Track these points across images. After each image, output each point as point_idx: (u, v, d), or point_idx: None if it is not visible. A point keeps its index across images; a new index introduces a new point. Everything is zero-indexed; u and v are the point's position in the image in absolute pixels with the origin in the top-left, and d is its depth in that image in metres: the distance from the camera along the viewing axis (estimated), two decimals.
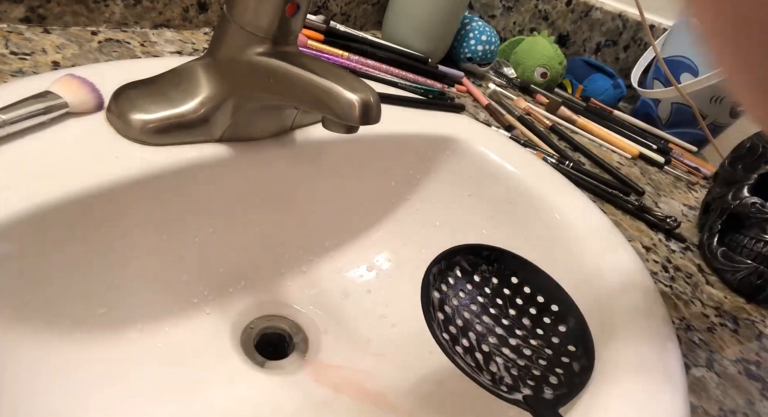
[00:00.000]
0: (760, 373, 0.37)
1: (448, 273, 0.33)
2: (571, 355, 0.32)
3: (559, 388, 0.30)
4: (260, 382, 0.38)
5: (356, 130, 0.31)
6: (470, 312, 0.33)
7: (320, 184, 0.44)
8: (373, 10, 0.68)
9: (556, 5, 0.81)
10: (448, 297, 0.32)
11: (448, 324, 0.31)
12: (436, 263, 0.32)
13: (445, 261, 0.33)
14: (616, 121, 0.70)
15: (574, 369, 0.31)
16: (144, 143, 0.32)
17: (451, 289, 0.33)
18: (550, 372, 0.31)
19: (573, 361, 0.32)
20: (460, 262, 0.34)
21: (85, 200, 0.29)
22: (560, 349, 0.32)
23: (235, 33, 0.32)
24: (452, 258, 0.33)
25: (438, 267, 0.32)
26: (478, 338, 0.32)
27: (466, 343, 0.31)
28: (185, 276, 0.38)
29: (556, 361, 0.32)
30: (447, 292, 0.32)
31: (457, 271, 0.33)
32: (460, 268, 0.34)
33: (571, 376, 0.31)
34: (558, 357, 0.32)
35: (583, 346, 0.32)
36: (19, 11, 0.39)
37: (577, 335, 0.33)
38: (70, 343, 0.32)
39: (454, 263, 0.34)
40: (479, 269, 0.34)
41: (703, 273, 0.47)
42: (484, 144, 0.49)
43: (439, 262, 0.33)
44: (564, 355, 0.32)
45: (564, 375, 0.31)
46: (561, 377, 0.31)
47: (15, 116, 0.28)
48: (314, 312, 0.44)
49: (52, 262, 0.30)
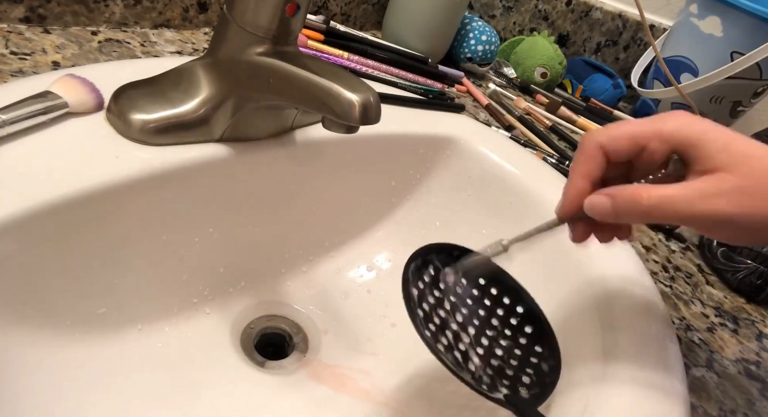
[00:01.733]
0: (760, 373, 0.37)
1: (423, 270, 0.33)
2: (538, 355, 0.32)
3: (532, 388, 0.31)
4: (260, 382, 0.38)
5: (356, 130, 0.31)
6: (444, 310, 0.33)
7: (320, 184, 0.44)
8: (373, 10, 0.68)
9: (556, 5, 0.81)
10: (425, 294, 0.32)
11: (428, 321, 0.31)
12: (413, 260, 0.32)
13: (420, 258, 0.33)
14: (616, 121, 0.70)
15: (543, 369, 0.32)
16: (144, 143, 0.32)
17: (426, 287, 0.32)
18: (521, 372, 0.32)
19: (541, 361, 0.32)
20: (433, 261, 0.34)
21: (85, 200, 0.29)
22: (528, 350, 0.33)
23: (235, 33, 0.32)
24: (426, 255, 0.33)
25: (415, 263, 0.32)
26: (454, 337, 0.32)
27: (445, 341, 0.31)
28: (185, 276, 0.38)
29: (525, 361, 0.32)
30: (424, 289, 0.32)
31: (430, 269, 0.33)
32: (433, 266, 0.33)
33: (541, 375, 0.31)
34: (527, 357, 0.32)
35: (549, 347, 0.33)
36: (19, 11, 0.39)
37: (542, 336, 0.33)
38: (69, 342, 0.32)
39: (428, 261, 0.33)
40: (451, 268, 0.34)
41: (703, 273, 0.47)
42: (484, 144, 0.49)
43: (415, 258, 0.32)
44: (532, 356, 0.32)
45: (535, 375, 0.31)
46: (532, 377, 0.31)
47: (15, 116, 0.28)
48: (314, 312, 0.44)
49: (51, 262, 0.30)
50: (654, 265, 0.45)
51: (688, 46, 0.70)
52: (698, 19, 0.68)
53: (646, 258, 0.45)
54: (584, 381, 0.32)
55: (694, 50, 0.69)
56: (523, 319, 0.34)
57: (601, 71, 0.77)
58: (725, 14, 0.65)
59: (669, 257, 0.47)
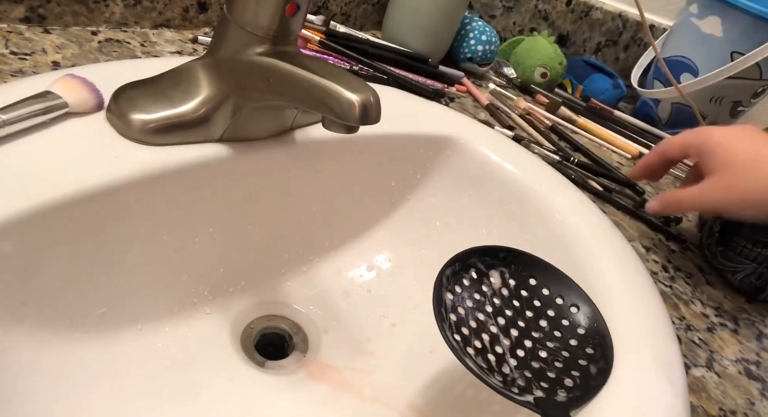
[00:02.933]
0: (760, 373, 0.37)
1: (463, 275, 0.33)
2: (588, 357, 0.32)
3: (573, 391, 0.30)
4: (260, 382, 0.38)
5: (356, 130, 0.31)
6: (485, 313, 0.32)
7: (320, 184, 0.44)
8: (373, 10, 0.68)
9: (556, 5, 0.81)
10: (462, 298, 0.32)
11: (460, 325, 0.31)
12: (450, 265, 0.32)
13: (459, 263, 0.33)
14: (616, 121, 0.70)
15: (591, 372, 0.31)
16: (144, 143, 0.32)
17: (465, 290, 0.32)
18: (565, 374, 0.31)
19: (590, 363, 0.31)
20: (476, 264, 0.34)
21: (84, 200, 0.29)
22: (577, 352, 0.32)
23: (235, 33, 0.32)
24: (467, 260, 0.33)
25: (452, 269, 0.32)
26: (491, 340, 0.31)
27: (479, 344, 0.31)
28: (185, 276, 0.38)
29: (572, 364, 0.31)
30: (461, 294, 0.32)
31: (472, 273, 0.33)
32: (475, 269, 0.33)
33: (587, 378, 0.31)
34: (575, 359, 0.32)
35: (602, 349, 0.32)
36: (19, 11, 0.39)
37: (596, 338, 0.32)
38: (69, 342, 0.32)
39: (470, 265, 0.33)
40: (497, 270, 0.34)
41: (703, 273, 0.47)
42: (484, 144, 0.49)
43: (453, 263, 0.32)
44: (581, 358, 0.32)
45: (580, 377, 0.31)
46: (576, 380, 0.31)
47: (15, 116, 0.28)
48: (314, 312, 0.44)
49: (51, 262, 0.30)
50: (654, 265, 0.45)
51: (688, 46, 0.70)
52: (698, 19, 0.68)
53: (646, 258, 0.45)
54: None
55: (694, 50, 0.69)
56: (577, 321, 0.33)
57: (601, 71, 0.77)
58: (725, 14, 0.65)
59: (669, 257, 0.47)
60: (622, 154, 0.64)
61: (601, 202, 0.51)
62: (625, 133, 0.68)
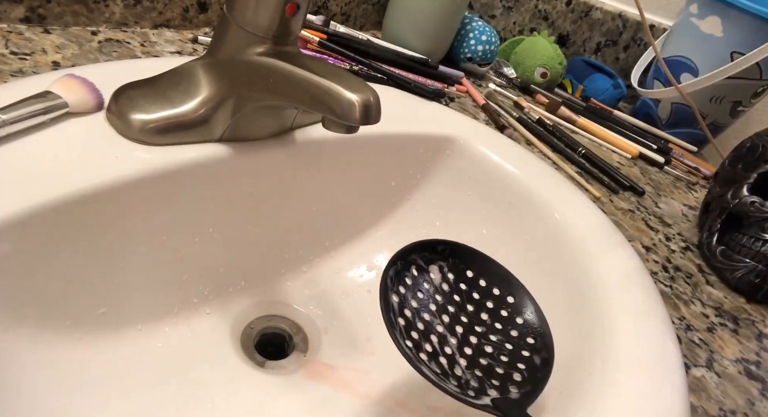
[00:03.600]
0: (760, 373, 0.37)
1: (405, 273, 0.32)
2: (530, 347, 0.31)
3: (523, 386, 0.30)
4: (260, 382, 0.38)
5: (356, 130, 0.31)
6: (429, 313, 0.32)
7: (320, 184, 0.44)
8: (373, 10, 0.68)
9: (556, 5, 0.81)
10: (406, 299, 0.31)
11: (409, 329, 0.30)
12: (392, 265, 0.31)
13: (401, 261, 0.32)
14: (616, 121, 0.70)
15: (536, 362, 0.31)
16: (144, 143, 0.32)
17: (408, 290, 0.31)
18: (512, 368, 0.31)
19: (533, 354, 0.31)
20: (416, 261, 0.32)
21: (85, 200, 0.29)
22: (519, 343, 0.31)
23: (235, 33, 0.32)
24: (408, 257, 0.32)
25: (394, 268, 0.31)
26: (440, 341, 0.31)
27: (429, 347, 0.30)
28: (185, 276, 0.38)
29: (516, 356, 0.31)
30: (405, 294, 0.31)
31: (413, 270, 0.32)
32: (416, 266, 0.32)
33: (533, 371, 0.30)
34: (518, 351, 0.31)
35: (541, 337, 0.31)
36: (19, 11, 0.39)
37: (535, 326, 0.32)
38: (69, 343, 0.32)
39: (410, 262, 0.32)
40: (435, 265, 0.33)
41: (703, 273, 0.47)
42: (484, 144, 0.49)
43: (395, 263, 0.31)
44: (524, 349, 0.31)
45: (526, 370, 0.30)
46: (524, 373, 0.30)
47: (15, 116, 0.28)
48: (314, 312, 0.44)
49: (51, 262, 0.30)
50: (654, 265, 0.45)
51: (688, 46, 0.70)
52: (698, 19, 0.68)
53: (646, 258, 0.45)
54: (583, 381, 0.32)
55: (694, 50, 0.69)
56: (515, 310, 0.32)
57: (601, 71, 0.77)
58: (725, 14, 0.65)
59: (669, 257, 0.47)
60: (622, 154, 0.64)
61: (601, 203, 0.51)
62: (625, 133, 0.68)
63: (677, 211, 0.56)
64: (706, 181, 0.68)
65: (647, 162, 0.65)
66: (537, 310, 0.33)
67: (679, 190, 0.62)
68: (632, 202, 0.54)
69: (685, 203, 0.59)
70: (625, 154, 0.64)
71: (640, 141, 0.67)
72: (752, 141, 0.51)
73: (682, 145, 0.74)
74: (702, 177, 0.68)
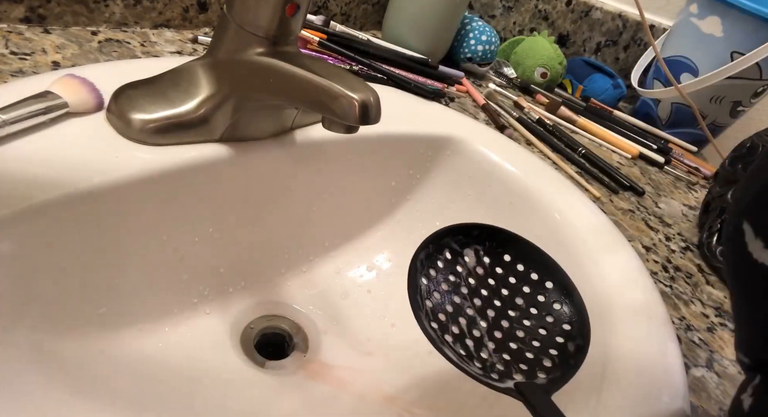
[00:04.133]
0: None
1: (437, 256, 0.31)
2: (565, 334, 0.30)
3: (552, 372, 0.29)
4: (260, 382, 0.38)
5: (356, 130, 0.31)
6: (460, 296, 0.31)
7: (320, 184, 0.44)
8: (373, 10, 0.68)
9: (556, 5, 0.81)
10: (437, 282, 0.31)
11: (437, 312, 0.30)
12: (424, 248, 0.31)
13: (433, 245, 0.31)
14: (616, 121, 0.70)
15: (569, 349, 0.30)
16: (144, 143, 0.32)
17: (440, 273, 0.31)
18: (543, 354, 0.30)
19: (568, 341, 0.30)
20: (449, 244, 0.32)
21: (85, 200, 0.29)
22: (554, 329, 0.31)
23: (235, 33, 0.32)
24: (440, 240, 0.32)
25: (426, 252, 0.31)
26: (468, 324, 0.30)
27: (456, 330, 0.30)
28: (185, 276, 0.38)
29: (550, 342, 0.30)
30: (436, 278, 0.31)
31: (446, 254, 0.32)
32: (449, 249, 0.32)
33: (565, 357, 0.29)
34: (552, 337, 0.30)
35: (579, 324, 0.30)
36: (19, 11, 0.39)
37: (573, 313, 0.31)
38: (69, 342, 0.32)
39: (443, 246, 0.32)
40: (471, 249, 0.33)
41: (703, 273, 0.47)
42: (484, 144, 0.49)
43: (426, 246, 0.31)
44: (558, 335, 0.30)
45: (558, 356, 0.30)
46: (555, 359, 0.29)
47: (15, 116, 0.28)
48: (314, 312, 0.44)
49: (51, 262, 0.30)
50: (654, 265, 0.45)
51: (688, 46, 0.70)
52: (698, 19, 0.68)
53: (646, 258, 0.45)
54: (583, 381, 0.32)
55: (694, 50, 0.69)
56: (553, 296, 0.32)
57: (601, 71, 0.77)
58: (725, 14, 0.65)
59: (669, 257, 0.47)
60: (622, 154, 0.64)
61: (601, 203, 0.51)
62: (625, 133, 0.68)
63: (677, 211, 0.56)
64: (706, 181, 0.68)
65: (647, 162, 0.65)
66: (577, 297, 0.31)
67: (679, 190, 0.62)
68: (632, 202, 0.54)
69: (685, 203, 0.59)
70: (625, 154, 0.64)
71: (640, 141, 0.67)
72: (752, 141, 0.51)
73: (682, 145, 0.74)
74: (702, 177, 0.68)
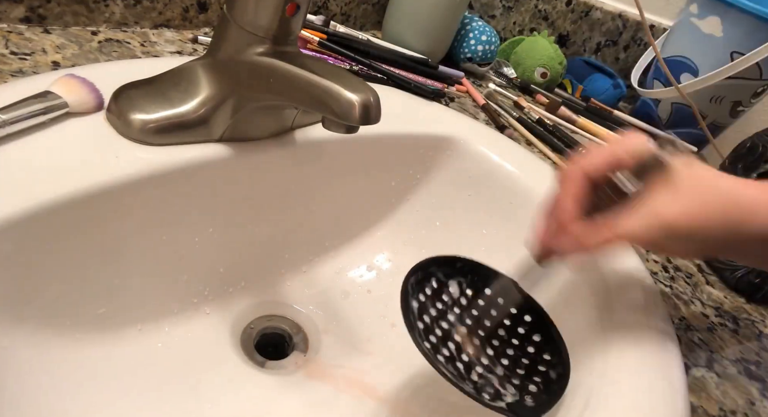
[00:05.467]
0: (760, 373, 0.37)
1: (425, 283, 0.33)
2: (546, 363, 0.32)
3: (538, 397, 0.31)
4: (260, 382, 0.38)
5: (356, 130, 0.31)
6: (448, 322, 0.33)
7: (320, 184, 0.44)
8: (373, 10, 0.68)
9: (556, 5, 0.81)
10: (426, 306, 0.32)
11: (428, 333, 0.31)
12: (413, 273, 0.32)
13: (421, 271, 0.33)
14: (616, 121, 0.70)
15: (551, 376, 0.32)
16: (144, 143, 0.32)
17: (428, 299, 0.33)
18: (528, 380, 0.32)
19: (549, 369, 0.32)
20: (435, 274, 0.34)
21: (85, 200, 0.29)
22: (536, 358, 0.33)
23: (235, 33, 0.32)
24: (428, 268, 0.33)
25: (415, 277, 0.32)
26: (457, 348, 0.32)
27: (447, 352, 0.31)
28: (185, 276, 0.38)
29: (533, 370, 0.32)
30: (425, 302, 0.32)
31: (433, 283, 0.33)
32: (435, 279, 0.34)
33: (548, 383, 0.31)
34: (534, 366, 0.32)
35: (558, 355, 0.33)
36: (19, 11, 0.39)
37: (551, 344, 0.33)
38: (69, 342, 0.32)
39: (430, 274, 0.34)
40: (455, 280, 0.34)
41: (703, 273, 0.47)
42: (484, 144, 0.49)
43: (415, 272, 0.33)
44: (540, 364, 0.32)
45: (542, 383, 0.31)
46: (539, 385, 0.31)
47: (15, 116, 0.28)
48: (314, 312, 0.44)
49: (51, 262, 0.30)
50: (654, 265, 0.45)
51: (688, 46, 0.70)
52: (698, 19, 0.68)
53: (646, 258, 0.45)
54: (584, 381, 0.32)
55: (694, 50, 0.69)
56: (532, 328, 0.34)
57: (601, 71, 0.77)
58: (725, 14, 0.65)
59: (669, 257, 0.47)
60: None
61: None
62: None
63: None
64: None
65: None
66: (555, 331, 0.33)
67: None
68: None
69: None
70: None
71: None
72: (752, 141, 0.51)
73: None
74: None
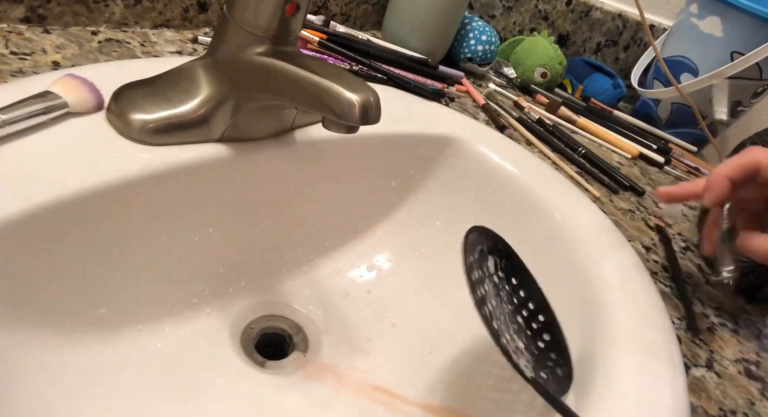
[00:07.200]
0: (760, 373, 0.37)
1: (476, 246, 0.32)
2: (553, 361, 0.33)
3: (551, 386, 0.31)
4: (260, 382, 0.38)
5: (356, 130, 0.31)
6: (483, 289, 0.32)
7: (320, 184, 0.44)
8: (373, 10, 0.68)
9: (556, 5, 0.81)
10: (481, 281, 0.32)
11: (482, 305, 0.30)
12: (473, 231, 0.32)
13: (476, 233, 0.32)
14: (616, 121, 0.70)
15: (558, 374, 0.32)
16: (144, 143, 0.32)
17: (475, 262, 0.32)
18: (540, 369, 0.32)
19: (555, 367, 0.33)
20: (484, 242, 0.33)
21: (84, 200, 0.29)
22: (544, 355, 0.33)
23: (235, 33, 0.32)
24: (481, 233, 0.33)
25: (476, 233, 0.32)
26: (500, 326, 0.32)
27: (495, 325, 0.31)
28: (185, 276, 0.38)
29: (542, 364, 0.33)
30: (482, 277, 0.32)
31: (480, 247, 0.33)
32: (482, 247, 0.33)
33: (557, 380, 0.32)
34: (544, 361, 0.33)
35: (563, 356, 0.33)
36: (19, 11, 0.39)
37: (558, 347, 0.34)
38: (69, 343, 0.32)
39: (480, 241, 0.33)
40: (493, 257, 0.34)
41: (703, 273, 0.47)
42: (484, 144, 0.49)
43: (474, 231, 0.32)
44: (548, 360, 0.33)
45: (551, 373, 0.32)
46: (548, 375, 0.32)
47: (15, 116, 0.28)
48: (314, 312, 0.44)
49: (51, 262, 0.30)
50: (654, 265, 0.45)
51: (688, 46, 0.70)
52: (698, 19, 0.68)
53: (646, 258, 0.45)
54: (584, 381, 0.32)
55: (694, 50, 0.69)
56: (543, 327, 0.34)
57: (601, 71, 0.77)
58: (725, 14, 0.65)
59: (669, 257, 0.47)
60: (622, 154, 0.64)
61: (601, 203, 0.51)
62: (625, 133, 0.68)
63: (677, 211, 0.56)
64: None
65: (647, 162, 0.65)
66: (561, 335, 0.34)
67: None
68: (632, 202, 0.54)
69: (685, 203, 0.59)
70: (625, 154, 0.64)
71: (640, 141, 0.67)
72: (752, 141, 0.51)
73: (682, 145, 0.74)
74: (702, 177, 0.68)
